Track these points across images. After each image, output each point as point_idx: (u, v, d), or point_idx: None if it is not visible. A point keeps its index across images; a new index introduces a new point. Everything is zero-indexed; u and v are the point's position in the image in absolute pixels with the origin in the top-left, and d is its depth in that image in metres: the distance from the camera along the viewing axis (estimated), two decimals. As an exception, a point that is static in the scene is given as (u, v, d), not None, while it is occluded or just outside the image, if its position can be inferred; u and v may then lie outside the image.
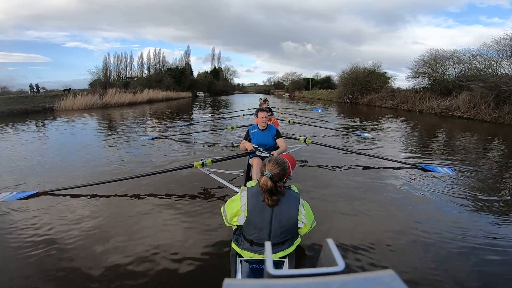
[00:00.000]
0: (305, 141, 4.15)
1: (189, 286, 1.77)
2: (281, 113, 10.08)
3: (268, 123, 3.21)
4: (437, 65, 17.14)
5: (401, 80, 47.94)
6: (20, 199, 2.95)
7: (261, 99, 7.56)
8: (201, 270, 1.89)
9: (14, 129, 8.50)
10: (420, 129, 9.44)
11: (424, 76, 17.83)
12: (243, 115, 9.50)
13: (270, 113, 4.27)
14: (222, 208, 1.67)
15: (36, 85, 21.65)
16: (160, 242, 2.19)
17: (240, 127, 6.29)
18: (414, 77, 18.22)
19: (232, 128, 6.05)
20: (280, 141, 3.16)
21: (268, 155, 2.90)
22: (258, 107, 7.38)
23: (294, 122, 7.27)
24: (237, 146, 5.58)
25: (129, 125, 9.65)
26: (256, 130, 3.18)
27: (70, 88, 21.68)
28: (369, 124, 9.91)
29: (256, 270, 1.50)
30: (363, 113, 14.88)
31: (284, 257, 1.57)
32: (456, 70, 16.83)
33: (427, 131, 9.05)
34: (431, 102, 14.97)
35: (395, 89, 19.93)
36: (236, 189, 2.89)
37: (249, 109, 10.96)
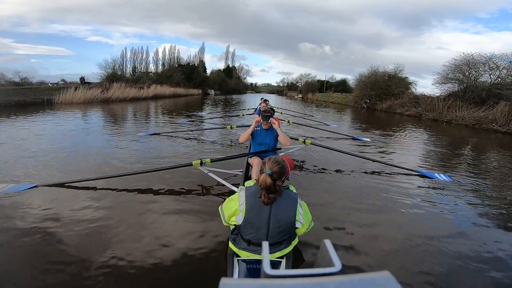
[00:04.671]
0: (304, 142, 4.07)
1: (186, 285, 1.73)
2: (281, 113, 10.09)
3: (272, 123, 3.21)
4: (471, 70, 15.32)
5: (422, 87, 45.51)
6: (17, 191, 2.88)
7: (262, 98, 7.58)
8: (198, 269, 1.86)
9: (10, 122, 8.03)
10: (444, 140, 8.26)
11: (454, 83, 16.03)
12: (243, 115, 9.48)
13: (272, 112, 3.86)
14: (220, 207, 1.67)
15: (83, 78, 22.47)
16: (157, 240, 2.15)
17: (240, 127, 6.22)
18: (443, 83, 16.44)
19: (231, 127, 5.94)
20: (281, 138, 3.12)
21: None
22: (258, 107, 7.50)
23: (293, 123, 7.26)
24: (236, 146, 5.61)
25: (127, 121, 9.28)
26: (259, 128, 3.17)
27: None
28: (387, 133, 8.60)
29: (253, 270, 1.48)
30: (382, 121, 13.48)
31: (282, 257, 1.54)
32: (492, 77, 14.98)
33: (452, 143, 7.92)
34: (461, 112, 13.23)
35: (419, 96, 18.11)
36: (234, 188, 2.86)
37: (248, 109, 11.20)
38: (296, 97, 47.93)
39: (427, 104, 15.56)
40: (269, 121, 3.09)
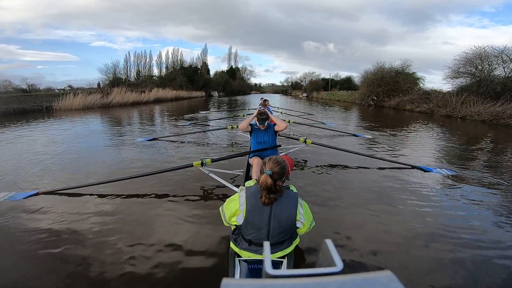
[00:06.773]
0: (305, 142, 4.04)
1: (187, 285, 1.73)
2: (281, 113, 10.03)
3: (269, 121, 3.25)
4: (483, 63, 14.53)
5: (430, 82, 44.32)
6: (19, 199, 2.89)
7: (262, 98, 7.50)
8: (200, 269, 1.86)
9: (9, 130, 7.91)
10: (457, 137, 7.76)
11: (467, 77, 15.24)
12: (243, 115, 9.42)
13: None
14: (220, 208, 1.65)
15: (99, 84, 23.09)
16: (158, 241, 2.16)
17: None
18: (455, 77, 15.66)
19: (232, 128, 5.83)
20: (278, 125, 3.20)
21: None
22: (259, 107, 7.37)
23: (293, 122, 7.09)
24: (237, 146, 5.61)
25: (127, 126, 9.04)
26: (258, 126, 3.24)
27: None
28: (396, 131, 8.01)
29: (255, 270, 1.48)
30: (391, 118, 12.84)
31: (283, 257, 1.54)
32: (506, 70, 14.18)
33: (466, 139, 7.40)
34: (476, 107, 12.48)
35: (430, 91, 17.32)
36: (235, 188, 2.86)
37: (249, 109, 11.25)
38: (300, 96, 47.30)
39: (439, 99, 14.82)
40: (265, 124, 3.13)
